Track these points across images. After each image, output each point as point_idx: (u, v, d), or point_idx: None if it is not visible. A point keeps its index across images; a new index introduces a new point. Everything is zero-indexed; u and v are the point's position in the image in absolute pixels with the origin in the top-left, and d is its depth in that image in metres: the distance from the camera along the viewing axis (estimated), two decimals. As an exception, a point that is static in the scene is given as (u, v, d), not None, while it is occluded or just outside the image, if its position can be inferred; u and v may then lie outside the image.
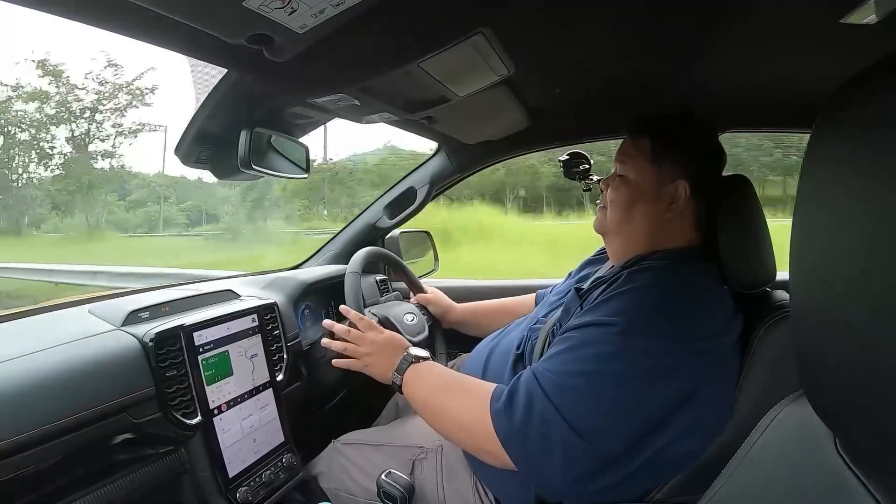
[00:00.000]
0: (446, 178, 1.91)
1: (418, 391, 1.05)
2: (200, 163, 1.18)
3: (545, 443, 0.83)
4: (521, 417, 0.85)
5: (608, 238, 1.13)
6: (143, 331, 1.05)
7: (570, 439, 0.81)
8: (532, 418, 0.84)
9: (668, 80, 1.21)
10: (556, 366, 0.89)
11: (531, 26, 0.89)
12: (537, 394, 0.86)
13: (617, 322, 0.86)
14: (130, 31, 0.75)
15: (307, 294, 1.60)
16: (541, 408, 0.84)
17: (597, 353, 0.86)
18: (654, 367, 0.83)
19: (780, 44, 0.98)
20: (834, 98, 0.44)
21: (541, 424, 0.84)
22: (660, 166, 1.03)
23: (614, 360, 0.84)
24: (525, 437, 0.84)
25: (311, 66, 0.85)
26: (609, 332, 0.86)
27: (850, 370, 0.42)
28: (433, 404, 1.02)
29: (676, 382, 0.84)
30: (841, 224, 0.42)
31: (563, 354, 0.89)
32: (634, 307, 0.88)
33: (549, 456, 0.83)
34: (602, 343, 0.86)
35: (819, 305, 0.46)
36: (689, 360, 0.85)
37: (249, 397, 1.21)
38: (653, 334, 0.85)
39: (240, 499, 1.12)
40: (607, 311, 0.90)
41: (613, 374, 0.83)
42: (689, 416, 0.85)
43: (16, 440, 0.80)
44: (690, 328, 0.87)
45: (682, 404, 0.84)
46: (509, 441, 0.86)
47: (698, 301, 0.92)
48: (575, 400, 0.84)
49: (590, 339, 0.88)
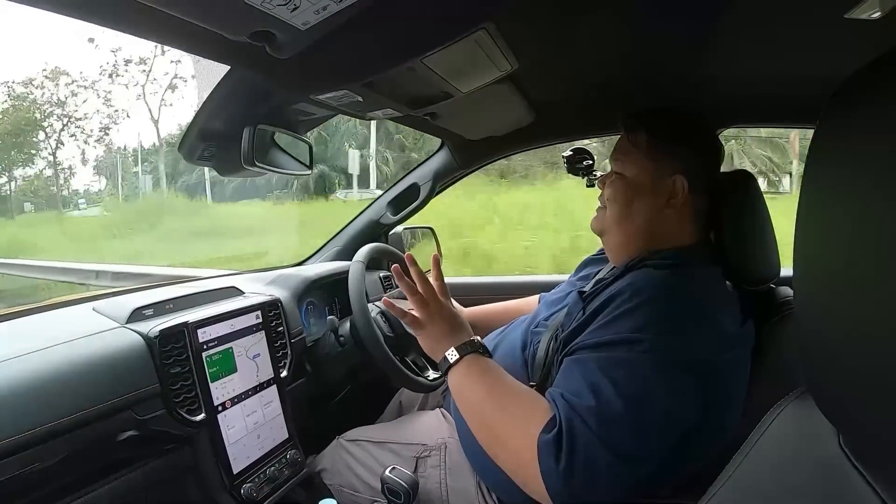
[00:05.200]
0: (450, 174, 1.91)
1: (473, 385, 0.96)
2: (204, 160, 1.18)
3: (590, 476, 0.78)
4: (565, 454, 0.78)
5: (606, 237, 1.11)
6: (148, 328, 1.06)
7: (616, 468, 0.78)
8: (576, 454, 0.78)
9: (672, 74, 1.21)
10: (591, 397, 0.82)
11: (534, 22, 0.89)
12: (578, 426, 0.79)
13: (643, 339, 0.83)
14: (133, 29, 0.75)
15: (311, 290, 1.60)
16: (584, 442, 0.78)
17: (630, 374, 0.82)
18: (690, 382, 0.82)
19: (784, 38, 0.98)
20: (838, 93, 0.43)
21: (586, 460, 0.78)
22: (657, 161, 1.02)
23: (651, 382, 0.81)
24: (569, 475, 0.78)
25: (313, 62, 0.84)
26: (637, 350, 0.83)
27: (853, 366, 0.42)
28: (482, 410, 0.93)
29: (709, 396, 0.83)
30: (846, 219, 0.42)
31: (594, 377, 0.83)
32: (658, 321, 0.85)
33: (593, 487, 0.78)
34: (634, 364, 0.82)
35: (823, 301, 0.46)
36: (715, 375, 0.84)
37: (254, 394, 1.21)
38: (683, 349, 0.83)
39: (244, 495, 1.13)
40: (629, 326, 0.86)
41: (652, 397, 0.80)
42: (713, 428, 0.85)
43: (21, 438, 0.81)
44: (712, 343, 0.86)
45: (709, 419, 0.83)
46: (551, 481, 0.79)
47: (713, 311, 0.90)
48: (617, 428, 0.79)
49: (619, 359, 0.84)
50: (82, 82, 23.54)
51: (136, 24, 0.73)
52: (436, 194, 1.92)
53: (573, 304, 1.03)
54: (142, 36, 0.77)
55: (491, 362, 0.99)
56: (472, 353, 0.99)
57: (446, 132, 1.65)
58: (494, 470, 0.90)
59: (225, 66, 0.94)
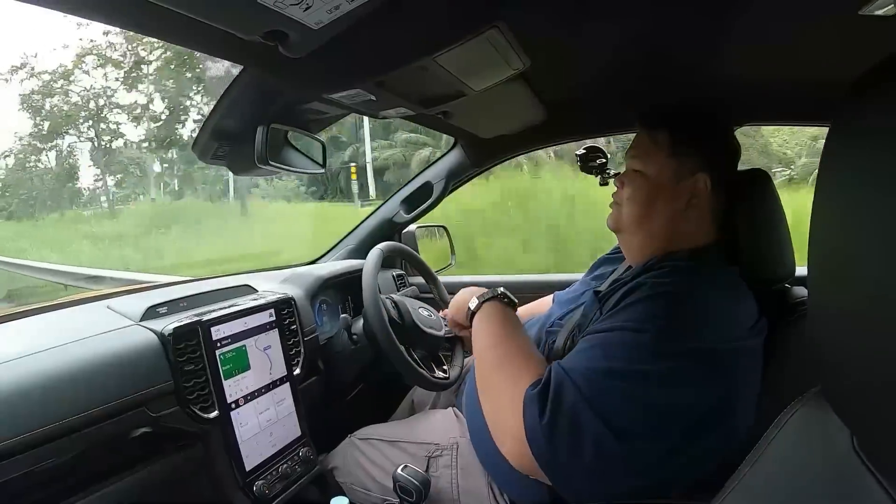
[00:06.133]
0: (463, 173, 1.91)
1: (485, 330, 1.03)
2: (217, 159, 1.19)
3: (574, 439, 0.77)
4: (550, 410, 0.79)
5: (624, 236, 1.10)
6: (162, 326, 1.06)
7: (604, 437, 0.76)
8: (561, 413, 0.78)
9: (685, 72, 1.20)
10: (586, 362, 0.83)
11: (546, 20, 0.89)
12: (567, 386, 0.80)
13: (648, 328, 0.83)
14: (146, 29, 0.75)
15: (324, 289, 1.60)
16: (571, 401, 0.78)
17: (630, 355, 0.82)
18: (692, 373, 0.81)
19: (798, 35, 0.96)
20: (853, 90, 0.42)
21: (571, 419, 0.77)
22: (679, 160, 1.00)
23: (649, 364, 0.80)
24: (552, 431, 0.78)
25: (326, 61, 0.84)
26: (641, 337, 0.82)
27: (868, 367, 0.41)
28: (486, 357, 0.99)
29: (714, 389, 0.82)
30: (860, 219, 0.41)
31: (593, 351, 0.85)
32: (665, 314, 0.85)
33: (578, 453, 0.77)
34: (635, 347, 0.82)
35: (837, 302, 0.45)
36: (725, 365, 0.83)
37: (266, 391, 1.22)
38: (688, 340, 0.82)
39: (256, 492, 1.14)
40: (636, 316, 0.86)
41: (649, 374, 0.80)
42: (725, 424, 0.83)
43: (36, 434, 0.82)
44: (723, 333, 0.85)
45: (719, 412, 0.82)
46: (534, 436, 0.79)
47: (728, 305, 0.90)
48: (609, 397, 0.79)
49: (621, 341, 0.84)
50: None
51: (149, 24, 0.73)
52: (449, 192, 1.92)
53: (589, 303, 1.03)
54: (155, 36, 0.78)
55: (507, 311, 1.04)
56: (491, 299, 1.05)
57: (459, 130, 1.65)
58: (506, 470, 0.90)
59: (238, 66, 0.95)
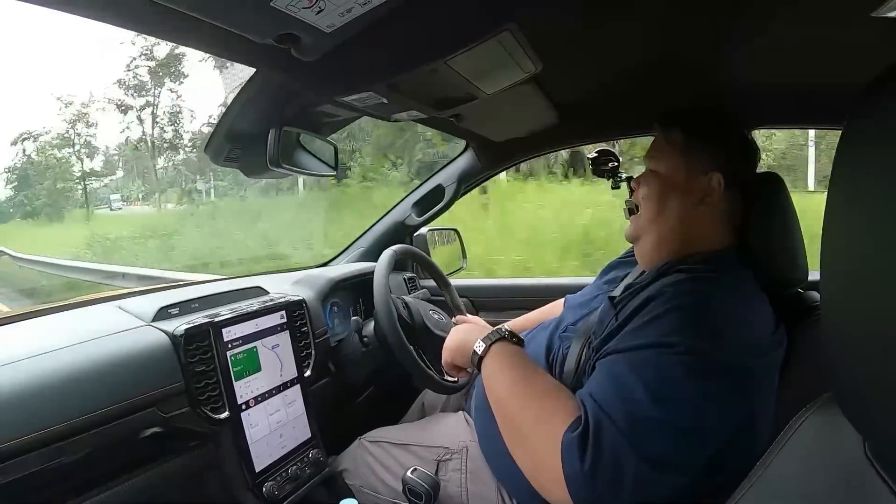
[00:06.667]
0: (474, 176, 1.91)
1: (499, 374, 0.94)
2: (230, 161, 1.20)
3: (616, 478, 0.74)
4: (591, 455, 0.75)
5: (640, 241, 1.08)
6: (173, 326, 1.07)
7: (643, 472, 0.74)
8: (602, 455, 0.74)
9: (698, 75, 1.19)
10: (621, 393, 0.79)
11: (558, 23, 0.88)
12: (606, 426, 0.76)
13: (676, 343, 0.80)
14: (160, 32, 0.76)
15: (335, 291, 1.61)
16: (611, 442, 0.75)
17: (663, 377, 0.78)
18: (725, 389, 0.79)
19: (810, 38, 0.96)
20: (865, 93, 0.42)
21: (613, 462, 0.74)
22: (691, 157, 1.00)
23: (685, 386, 0.78)
24: (594, 475, 0.74)
25: (338, 64, 0.85)
26: (669, 353, 0.80)
27: (881, 373, 0.41)
28: (507, 402, 0.91)
29: (746, 403, 0.81)
30: (874, 224, 0.41)
31: (625, 378, 0.81)
32: (693, 327, 0.83)
33: (619, 492, 0.74)
34: (667, 367, 0.79)
35: (850, 307, 0.45)
36: (755, 380, 0.82)
37: (277, 393, 1.22)
38: (717, 353, 0.80)
39: (266, 493, 1.14)
40: (662, 331, 0.83)
41: (685, 401, 0.77)
42: (748, 440, 0.81)
43: (47, 432, 0.83)
44: (752, 347, 0.83)
45: (748, 425, 0.81)
46: (575, 481, 0.75)
47: (752, 315, 0.88)
48: (647, 429, 0.76)
49: (652, 362, 0.81)
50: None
51: (162, 27, 0.74)
52: (461, 196, 1.92)
53: (605, 310, 1.01)
54: (168, 39, 0.79)
55: (520, 350, 0.98)
56: (498, 340, 0.99)
57: (471, 133, 1.65)
58: (515, 475, 0.89)
59: (251, 69, 0.95)
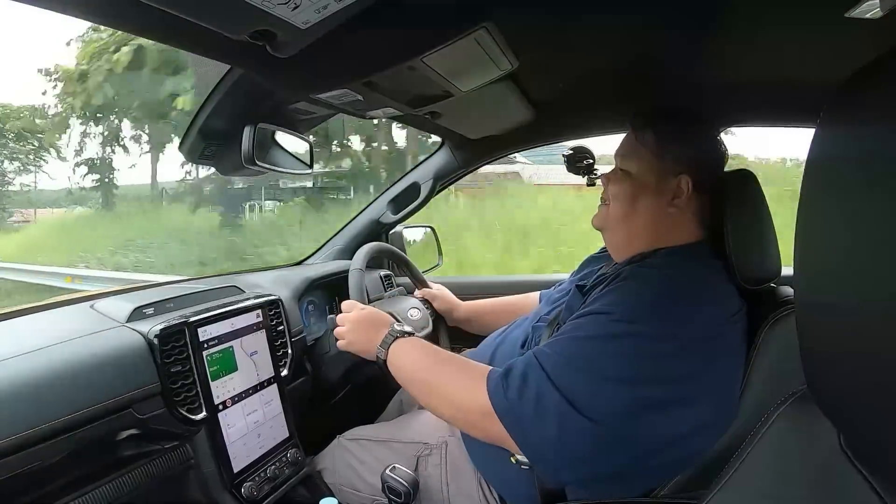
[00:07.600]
0: (450, 174, 1.90)
1: (406, 365, 1.05)
2: (205, 158, 1.18)
3: (538, 409, 0.84)
4: (516, 387, 0.87)
5: (609, 234, 1.11)
6: (148, 327, 1.05)
7: (564, 408, 0.82)
8: (527, 388, 0.86)
9: (673, 74, 1.21)
10: (553, 346, 0.90)
11: (534, 21, 0.89)
12: (533, 367, 0.88)
13: (615, 311, 0.88)
14: (133, 28, 0.75)
15: (311, 290, 1.60)
16: (536, 379, 0.86)
17: (594, 334, 0.88)
18: (654, 351, 0.84)
19: (785, 38, 0.97)
20: (838, 93, 0.43)
21: (536, 393, 0.85)
22: (663, 160, 1.02)
23: (612, 342, 0.85)
24: (519, 404, 0.85)
25: (314, 61, 0.84)
26: (608, 319, 0.88)
27: (854, 367, 0.42)
28: (422, 378, 1.02)
29: (676, 368, 0.84)
30: (846, 220, 0.42)
31: (561, 337, 0.92)
32: (634, 297, 0.90)
33: (543, 424, 0.83)
34: (600, 327, 0.88)
35: (824, 301, 0.46)
36: (691, 347, 0.85)
37: (254, 392, 1.21)
38: (652, 321, 0.86)
39: (245, 494, 1.13)
40: (606, 301, 0.91)
41: (611, 354, 0.85)
42: (694, 411, 0.85)
43: (22, 436, 0.81)
44: (691, 316, 0.88)
45: (685, 395, 0.84)
46: (504, 411, 0.87)
47: (701, 293, 0.93)
48: (571, 374, 0.85)
49: (588, 324, 0.90)
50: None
51: (136, 22, 0.73)
52: (436, 193, 1.92)
53: (573, 297, 1.06)
54: (143, 35, 0.77)
55: (413, 339, 1.09)
56: (394, 340, 1.08)
57: (447, 131, 1.65)
58: (496, 467, 0.91)
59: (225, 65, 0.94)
